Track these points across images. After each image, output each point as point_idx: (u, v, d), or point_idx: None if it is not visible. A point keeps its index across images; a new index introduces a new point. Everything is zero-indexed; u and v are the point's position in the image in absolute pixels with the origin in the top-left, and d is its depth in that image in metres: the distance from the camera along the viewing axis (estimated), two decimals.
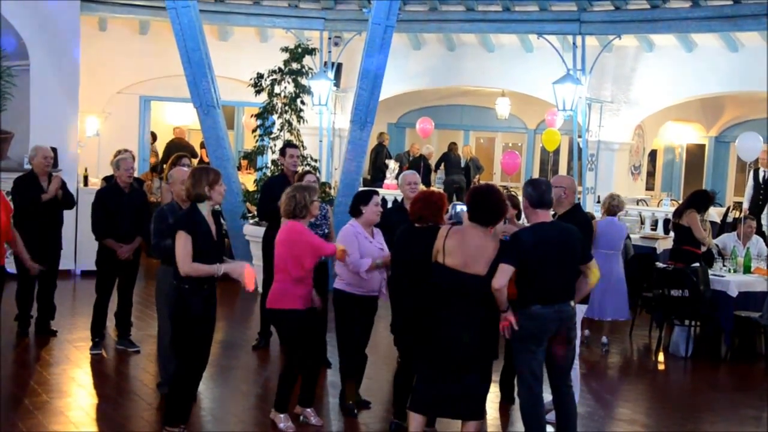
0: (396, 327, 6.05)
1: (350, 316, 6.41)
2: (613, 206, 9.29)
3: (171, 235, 5.57)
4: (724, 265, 9.42)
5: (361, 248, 6.28)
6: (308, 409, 6.30)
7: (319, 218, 7.25)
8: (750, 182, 12.48)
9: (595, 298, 8.31)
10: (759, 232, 10.52)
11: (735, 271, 9.24)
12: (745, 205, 12.59)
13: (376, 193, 6.64)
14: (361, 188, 9.87)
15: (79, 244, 11.54)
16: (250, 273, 5.64)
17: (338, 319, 6.47)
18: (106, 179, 8.63)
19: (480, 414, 5.48)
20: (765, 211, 11.58)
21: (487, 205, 5.35)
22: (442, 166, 17.59)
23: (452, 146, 17.81)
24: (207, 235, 5.56)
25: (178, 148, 15.21)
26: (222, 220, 11.04)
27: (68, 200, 8.72)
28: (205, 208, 5.60)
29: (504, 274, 5.24)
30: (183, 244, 5.46)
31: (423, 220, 5.87)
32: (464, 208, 6.11)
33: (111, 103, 15.35)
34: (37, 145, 8.78)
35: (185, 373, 5.68)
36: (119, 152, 8.91)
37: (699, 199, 9.49)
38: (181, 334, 5.64)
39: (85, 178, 12.36)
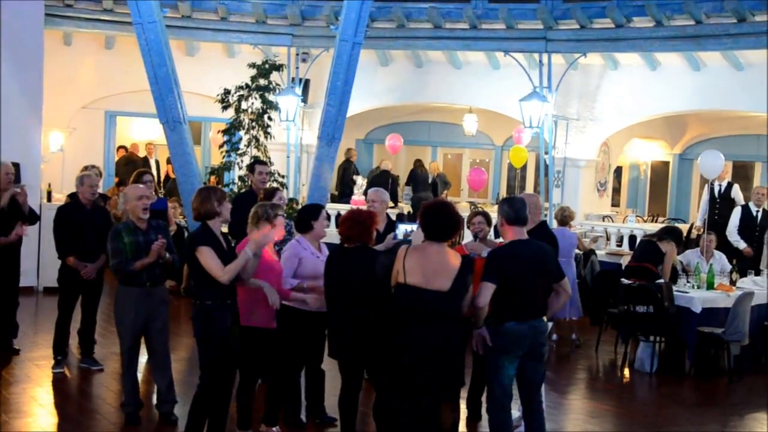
0: (334, 350, 5.97)
1: (301, 332, 6.33)
2: (564, 216, 10.35)
3: (189, 255, 5.54)
4: (687, 282, 9.51)
5: (306, 264, 6.23)
6: (273, 428, 6.24)
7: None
8: (705, 197, 12.62)
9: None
10: (719, 247, 10.62)
11: (699, 287, 9.33)
12: (699, 223, 12.72)
13: (323, 207, 6.67)
14: (329, 206, 9.86)
15: (41, 260, 11.38)
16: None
17: (287, 335, 6.39)
18: (71, 196, 8.51)
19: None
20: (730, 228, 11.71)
21: (440, 221, 5.33)
22: (410, 185, 17.61)
23: (418, 163, 17.87)
24: (222, 249, 5.62)
25: (129, 164, 15.17)
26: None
27: (32, 216, 8.59)
28: (216, 225, 5.65)
29: (486, 292, 5.28)
30: (209, 257, 5.52)
31: (351, 240, 5.83)
32: (409, 227, 6.15)
33: (76, 118, 15.21)
34: None
35: (210, 392, 5.63)
36: (86, 168, 8.82)
37: (678, 238, 9.88)
38: (206, 353, 5.63)
39: (49, 193, 12.21)
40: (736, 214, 11.80)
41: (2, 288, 8.45)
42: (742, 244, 11.52)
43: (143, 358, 7.02)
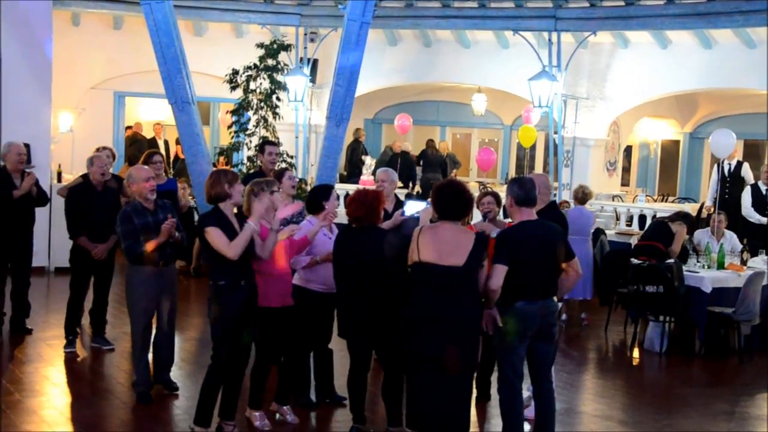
0: (343, 330, 5.99)
1: (309, 312, 6.35)
2: (584, 195, 10.32)
3: (197, 235, 5.57)
4: (698, 261, 9.49)
5: (318, 245, 6.24)
6: (284, 407, 6.28)
7: (294, 215, 7.19)
8: (714, 176, 12.57)
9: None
10: (730, 227, 10.60)
11: (709, 267, 9.31)
12: (709, 203, 12.68)
13: (333, 187, 6.68)
14: (338, 186, 9.86)
15: (52, 241, 11.43)
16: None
17: (297, 316, 6.42)
18: (84, 177, 8.54)
19: (465, 427, 5.34)
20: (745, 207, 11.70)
21: (453, 200, 5.31)
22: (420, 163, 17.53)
23: (430, 143, 17.74)
24: (233, 231, 5.60)
25: (135, 143, 15.20)
26: (197, 216, 10.98)
27: (42, 198, 8.63)
28: (227, 208, 5.65)
29: (499, 274, 5.29)
30: (217, 236, 5.53)
31: (358, 220, 5.84)
32: (417, 204, 6.13)
33: (85, 99, 15.21)
34: (9, 142, 8.65)
35: (221, 371, 5.66)
36: (99, 149, 8.83)
37: (691, 224, 9.92)
38: (217, 333, 5.66)
39: (59, 174, 12.23)
40: (747, 193, 11.79)
41: (15, 268, 8.51)
42: (762, 219, 11.54)
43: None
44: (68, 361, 7.72)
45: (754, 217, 11.63)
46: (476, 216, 7.06)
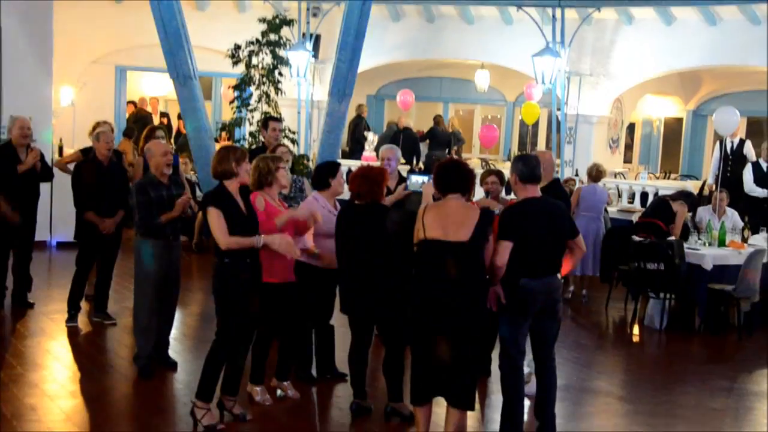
0: (345, 306, 5.99)
1: (311, 288, 6.35)
2: (598, 173, 10.49)
3: (200, 211, 5.54)
4: (699, 239, 9.50)
5: (323, 221, 6.22)
6: (285, 382, 6.31)
7: (293, 191, 7.20)
8: (716, 153, 12.54)
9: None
10: (732, 204, 10.59)
11: (710, 245, 9.32)
12: (711, 180, 12.67)
13: (340, 164, 6.63)
14: (339, 161, 9.85)
15: (54, 215, 11.45)
16: (289, 244, 5.65)
17: (299, 291, 6.44)
18: (84, 152, 8.53)
19: (469, 404, 5.26)
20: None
21: (454, 174, 5.29)
22: (426, 141, 17.39)
23: (438, 119, 17.53)
24: (236, 209, 5.57)
25: (139, 120, 15.16)
26: (198, 192, 11.00)
27: (46, 173, 8.63)
28: (232, 186, 5.61)
29: (505, 250, 5.30)
30: (216, 219, 5.49)
31: (362, 197, 5.82)
32: (421, 178, 6.09)
33: (86, 73, 15.16)
34: (14, 115, 8.63)
35: (224, 347, 5.67)
36: (98, 124, 8.81)
37: (693, 204, 10.06)
38: (221, 309, 5.66)
39: (60, 148, 12.23)
40: (748, 171, 11.79)
41: (18, 243, 8.52)
42: (765, 192, 11.54)
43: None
44: (70, 335, 7.75)
45: (757, 191, 11.62)
46: (479, 194, 7.05)
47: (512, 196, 5.92)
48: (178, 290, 6.95)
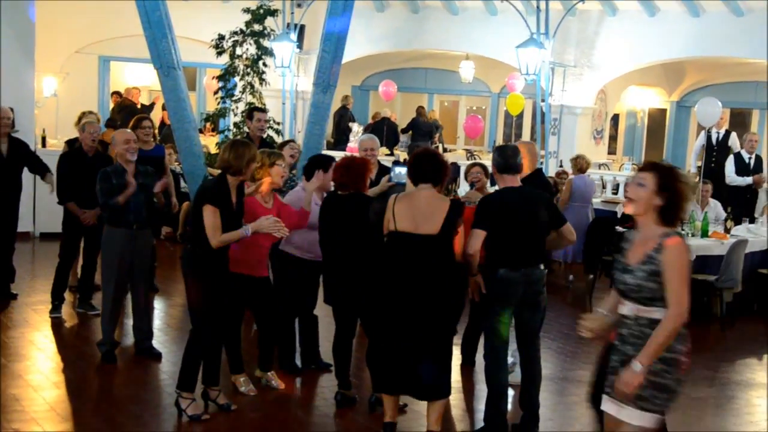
0: (328, 297, 6.01)
1: (296, 278, 6.38)
2: (587, 163, 10.86)
3: (198, 206, 5.50)
4: (682, 229, 9.54)
5: (312, 214, 6.21)
6: (269, 373, 6.32)
7: (286, 185, 7.12)
8: (698, 142, 12.63)
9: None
10: (715, 195, 10.66)
11: (693, 236, 9.37)
12: (693, 170, 12.74)
13: (334, 159, 6.59)
14: (324, 152, 9.84)
15: (37, 206, 11.38)
16: (275, 222, 5.61)
17: (282, 282, 6.44)
18: (69, 143, 8.49)
19: (439, 393, 5.30)
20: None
21: (426, 163, 5.28)
22: (409, 132, 17.46)
23: (420, 110, 17.62)
24: (228, 206, 5.54)
25: (123, 110, 15.07)
26: (183, 183, 10.96)
27: (39, 166, 8.57)
28: (232, 181, 5.58)
29: (477, 239, 5.30)
30: (211, 217, 5.44)
31: (344, 187, 5.82)
32: (404, 170, 6.09)
33: (69, 63, 15.07)
34: None
35: (199, 336, 5.67)
36: (84, 114, 8.76)
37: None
38: (192, 297, 5.67)
39: (43, 139, 12.15)
40: (730, 162, 11.88)
41: (0, 233, 8.47)
42: (747, 179, 11.60)
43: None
44: (54, 326, 7.72)
45: (737, 180, 11.69)
46: (464, 187, 7.07)
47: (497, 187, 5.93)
48: (148, 280, 7.01)
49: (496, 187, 5.85)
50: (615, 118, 18.11)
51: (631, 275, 3.93)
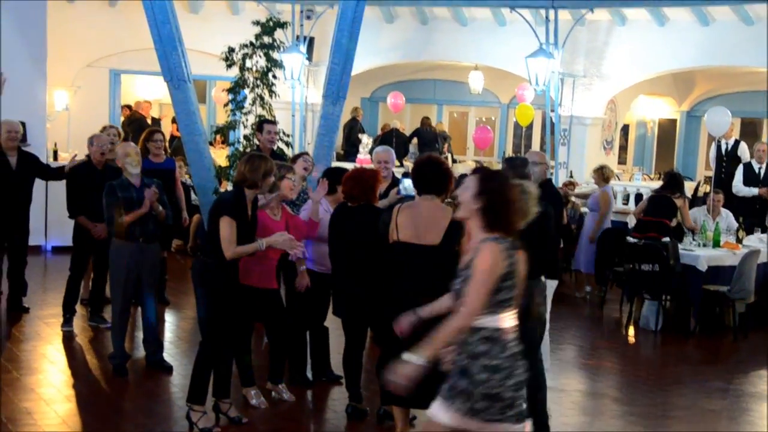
0: (338, 309, 6.00)
1: (307, 290, 6.39)
2: (609, 173, 10.77)
3: (214, 218, 5.52)
4: (693, 240, 9.51)
5: (324, 225, 6.18)
6: (279, 385, 6.31)
7: (299, 199, 7.11)
8: (712, 154, 12.60)
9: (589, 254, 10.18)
10: (726, 205, 10.62)
11: (705, 246, 9.33)
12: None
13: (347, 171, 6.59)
14: (334, 164, 9.85)
15: (49, 219, 11.42)
16: (289, 239, 5.64)
17: (293, 294, 6.44)
18: (89, 156, 8.55)
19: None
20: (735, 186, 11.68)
21: (429, 172, 5.26)
22: (414, 141, 17.51)
23: (425, 121, 17.70)
24: (245, 219, 5.57)
25: (133, 123, 15.14)
26: (193, 195, 10.98)
27: (51, 172, 8.62)
28: (249, 194, 5.60)
29: None
30: (228, 229, 5.45)
31: (354, 198, 5.81)
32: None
33: (80, 77, 15.12)
34: (2, 119, 8.62)
35: (209, 349, 5.67)
36: (104, 128, 8.81)
37: (682, 184, 10.11)
38: (203, 308, 5.66)
39: (55, 152, 12.20)
40: (739, 172, 11.84)
41: (12, 247, 8.51)
42: (753, 190, 11.55)
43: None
44: (66, 339, 7.74)
45: (743, 191, 11.63)
46: None
47: None
48: (158, 293, 7.07)
49: None
50: (625, 128, 18.06)
51: (458, 280, 3.87)
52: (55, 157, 12.08)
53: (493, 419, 3.78)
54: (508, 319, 3.86)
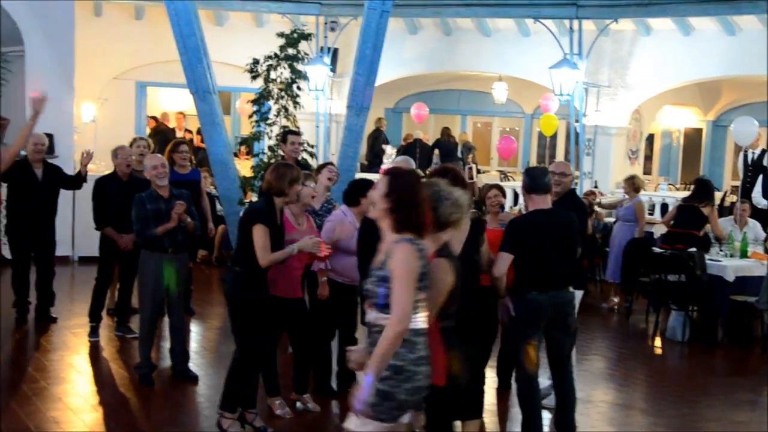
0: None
1: (331, 301, 6.40)
2: (640, 182, 10.72)
3: (246, 226, 5.57)
4: (720, 250, 9.43)
5: (351, 239, 6.21)
6: (305, 395, 6.32)
7: (322, 209, 7.14)
8: (740, 164, 12.47)
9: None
10: (754, 215, 10.50)
11: (732, 256, 9.25)
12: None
13: (372, 182, 6.60)
14: (358, 175, 9.87)
15: (76, 230, 11.53)
16: (316, 243, 5.71)
17: (320, 304, 6.46)
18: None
19: (478, 412, 5.32)
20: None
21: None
22: (436, 152, 17.52)
23: (445, 131, 17.72)
24: (275, 226, 5.63)
25: (159, 134, 15.27)
26: (219, 206, 11.04)
27: (73, 180, 8.72)
28: (278, 202, 5.66)
29: (503, 261, 5.27)
30: (262, 237, 5.52)
31: None
32: None
33: (107, 89, 15.28)
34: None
35: (242, 358, 5.70)
36: (135, 140, 8.90)
37: (712, 192, 9.98)
38: (233, 319, 5.71)
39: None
40: (759, 183, 11.66)
41: (38, 258, 8.59)
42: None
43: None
44: (92, 349, 7.80)
45: (762, 203, 11.48)
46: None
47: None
48: (184, 303, 7.05)
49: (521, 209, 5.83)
50: (650, 138, 17.96)
51: (368, 280, 3.82)
52: None
53: (379, 417, 3.73)
54: (421, 321, 3.78)
